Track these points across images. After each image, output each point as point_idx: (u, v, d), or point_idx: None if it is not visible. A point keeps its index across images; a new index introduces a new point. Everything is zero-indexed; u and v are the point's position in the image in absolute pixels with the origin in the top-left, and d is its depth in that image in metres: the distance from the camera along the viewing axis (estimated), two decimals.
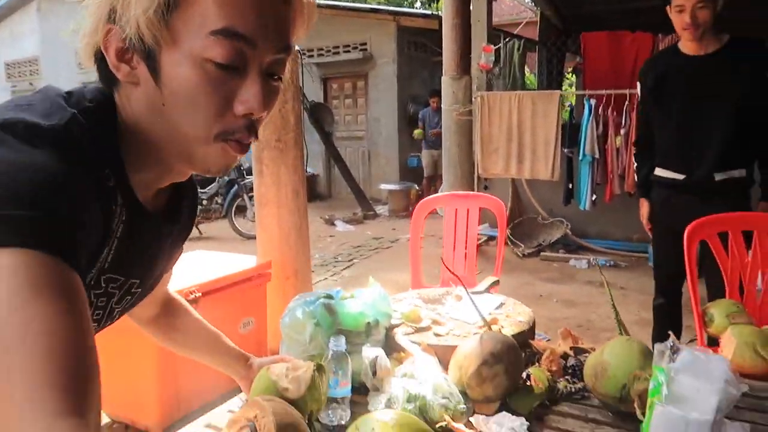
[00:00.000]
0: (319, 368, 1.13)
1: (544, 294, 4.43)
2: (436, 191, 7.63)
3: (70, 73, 13.29)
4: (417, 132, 8.38)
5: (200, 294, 2.39)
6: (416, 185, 8.59)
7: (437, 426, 1.14)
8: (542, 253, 5.59)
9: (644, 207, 2.69)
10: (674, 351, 1.11)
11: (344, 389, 1.19)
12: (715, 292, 2.28)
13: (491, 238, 5.80)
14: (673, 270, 2.44)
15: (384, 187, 8.80)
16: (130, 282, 0.76)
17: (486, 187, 6.06)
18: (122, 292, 0.76)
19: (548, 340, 2.52)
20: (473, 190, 5.56)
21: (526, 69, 12.09)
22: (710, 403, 0.99)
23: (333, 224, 7.69)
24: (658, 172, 2.53)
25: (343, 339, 1.20)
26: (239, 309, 2.64)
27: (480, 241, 5.97)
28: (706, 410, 0.99)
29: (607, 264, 5.21)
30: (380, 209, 8.66)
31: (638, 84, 2.61)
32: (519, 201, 6.10)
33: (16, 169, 0.52)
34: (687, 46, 2.38)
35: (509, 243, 5.77)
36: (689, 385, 1.02)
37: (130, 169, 0.68)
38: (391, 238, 6.77)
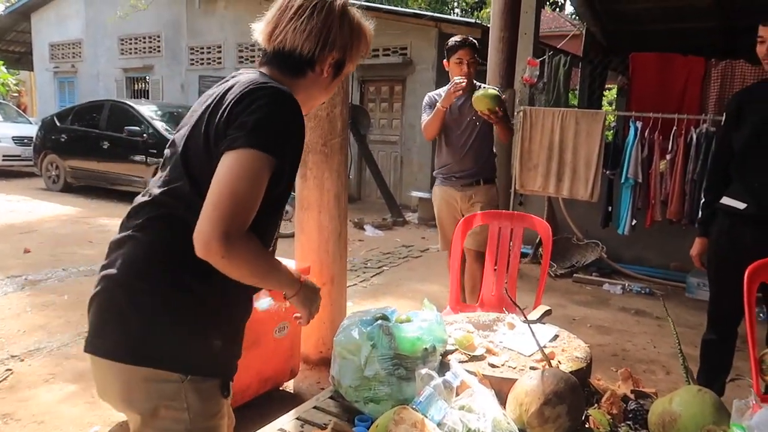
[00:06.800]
0: None
1: (578, 318, 4.33)
2: None
3: (111, 57, 13.50)
4: None
5: None
6: None
7: None
8: (575, 275, 5.48)
9: (700, 246, 2.60)
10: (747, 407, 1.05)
11: None
12: None
13: (523, 255, 5.70)
14: (729, 307, 2.35)
15: (415, 194, 8.73)
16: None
17: (521, 203, 5.96)
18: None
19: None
20: (508, 206, 5.48)
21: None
22: None
23: (362, 228, 7.65)
24: (725, 201, 2.42)
25: None
26: (275, 313, 2.61)
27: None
28: None
29: (642, 291, 5.08)
30: (410, 216, 8.59)
31: (726, 112, 2.61)
32: (554, 220, 5.98)
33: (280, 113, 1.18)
34: None
35: (540, 262, 5.65)
36: None
37: None
38: (421, 247, 6.71)
